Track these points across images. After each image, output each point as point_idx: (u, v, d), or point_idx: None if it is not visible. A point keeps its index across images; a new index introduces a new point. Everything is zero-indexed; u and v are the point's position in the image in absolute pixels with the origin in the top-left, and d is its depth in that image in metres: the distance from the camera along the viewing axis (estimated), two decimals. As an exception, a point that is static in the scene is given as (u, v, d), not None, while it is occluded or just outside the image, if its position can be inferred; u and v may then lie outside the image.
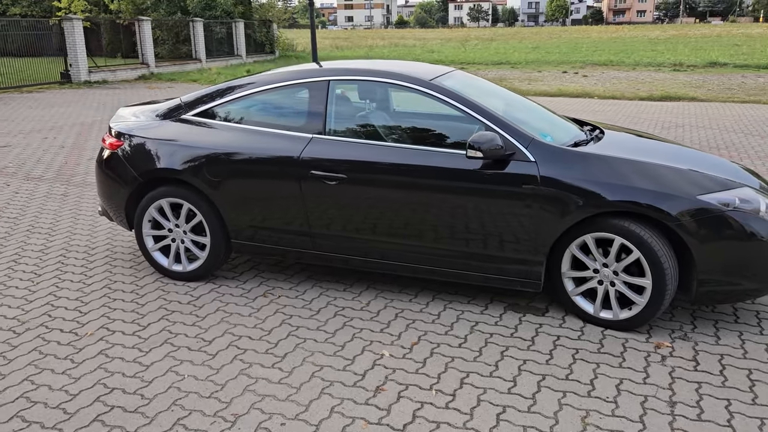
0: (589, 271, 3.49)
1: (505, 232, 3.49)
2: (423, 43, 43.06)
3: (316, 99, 3.86)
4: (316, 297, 3.96)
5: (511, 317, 3.66)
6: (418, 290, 4.04)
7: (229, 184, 3.89)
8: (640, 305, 3.37)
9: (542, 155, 3.45)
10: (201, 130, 4.02)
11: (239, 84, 4.11)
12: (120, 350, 3.31)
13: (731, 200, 3.29)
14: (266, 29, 28.09)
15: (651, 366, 3.12)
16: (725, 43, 35.06)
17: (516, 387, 2.95)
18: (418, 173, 3.57)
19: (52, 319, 3.66)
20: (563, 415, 2.73)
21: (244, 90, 4.04)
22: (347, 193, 3.70)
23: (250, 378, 3.04)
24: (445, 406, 2.81)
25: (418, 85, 3.74)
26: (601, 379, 3.01)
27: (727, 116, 11.50)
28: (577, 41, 41.03)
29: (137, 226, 4.19)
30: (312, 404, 2.83)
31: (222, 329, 3.54)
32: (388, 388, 2.95)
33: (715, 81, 18.12)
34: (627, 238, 3.30)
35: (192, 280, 4.19)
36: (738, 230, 3.23)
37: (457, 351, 3.29)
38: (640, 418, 2.70)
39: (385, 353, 3.27)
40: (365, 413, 2.76)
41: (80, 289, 4.09)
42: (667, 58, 25.51)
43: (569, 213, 3.36)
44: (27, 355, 3.26)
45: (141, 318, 3.68)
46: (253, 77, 4.15)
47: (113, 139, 4.26)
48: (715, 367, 3.10)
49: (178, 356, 3.25)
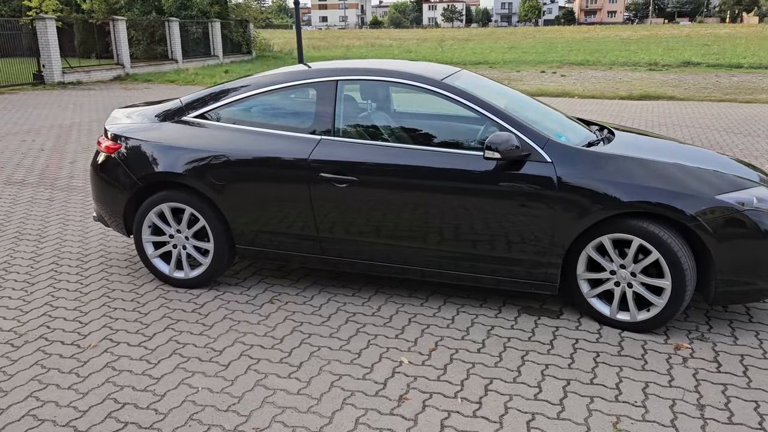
0: (606, 273, 3.45)
1: (522, 234, 3.43)
2: (399, 43, 43.05)
3: (324, 99, 3.76)
4: (325, 303, 3.86)
5: (527, 320, 3.60)
6: (428, 294, 3.97)
7: (235, 187, 3.77)
8: (659, 306, 3.34)
9: (559, 156, 3.39)
10: (205, 132, 3.89)
11: (243, 84, 3.98)
12: (127, 362, 3.17)
13: (749, 200, 3.28)
14: (243, 29, 27.80)
15: (674, 368, 3.09)
16: (695, 43, 35.67)
17: (542, 393, 2.89)
18: (431, 175, 3.49)
19: (51, 331, 3.50)
20: (594, 421, 2.68)
21: (248, 91, 3.92)
22: (358, 196, 3.60)
23: (267, 389, 2.93)
24: (473, 415, 2.73)
25: (429, 85, 3.66)
26: (626, 383, 2.96)
27: (707, 115, 11.65)
28: (551, 41, 41.39)
29: (136, 232, 4.04)
30: (335, 416, 2.73)
31: (231, 338, 3.42)
32: (411, 397, 2.86)
33: (690, 80, 18.39)
34: (646, 238, 3.26)
35: (194, 287, 4.06)
36: (755, 229, 3.22)
37: (477, 356, 3.22)
38: (671, 422, 2.66)
39: (403, 360, 3.18)
40: (392, 424, 2.67)
41: (77, 298, 3.93)
42: (642, 58, 25.85)
43: (587, 214, 3.31)
44: (29, 370, 3.10)
45: (145, 328, 3.54)
46: (256, 77, 4.03)
47: (109, 141, 4.10)
48: (737, 368, 3.08)
49: (189, 367, 3.12)
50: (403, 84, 3.73)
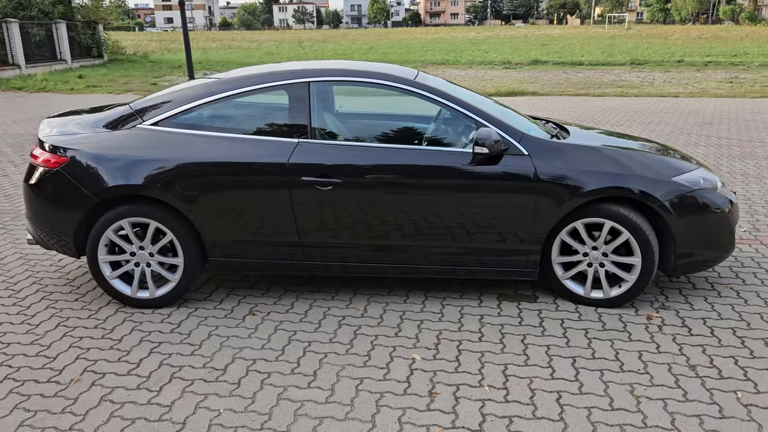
0: (579, 255, 3.71)
1: (505, 225, 3.59)
2: (257, 44, 42.29)
3: (297, 102, 3.67)
4: (309, 309, 3.78)
5: (510, 307, 3.78)
6: (407, 290, 4.02)
7: (208, 197, 3.57)
8: (630, 282, 3.66)
9: (534, 149, 3.59)
10: (168, 139, 3.63)
11: (204, 88, 3.77)
12: (125, 393, 2.91)
13: (697, 180, 3.69)
14: (92, 31, 25.82)
15: (655, 336, 3.41)
16: (534, 42, 38.67)
17: (557, 372, 3.06)
18: (415, 173, 3.55)
19: (16, 370, 3.11)
20: (613, 391, 2.89)
21: (212, 94, 3.71)
22: (342, 198, 3.57)
23: (293, 402, 2.84)
24: (505, 400, 2.84)
25: (404, 85, 3.71)
26: (623, 354, 3.22)
27: (570, 108, 12.71)
28: (406, 42, 42.77)
29: (91, 253, 3.68)
30: (377, 419, 2.71)
31: (228, 354, 3.25)
32: (440, 391, 2.91)
33: (543, 77, 19.92)
34: (616, 221, 3.56)
35: (160, 306, 3.79)
36: (704, 207, 3.63)
37: (482, 345, 3.33)
38: (677, 384, 2.94)
39: (415, 357, 3.21)
40: (435, 419, 2.70)
41: (29, 331, 3.52)
42: (496, 57, 27.56)
43: (564, 202, 3.54)
44: (11, 416, 2.74)
45: (126, 354, 3.25)
46: (219, 80, 3.82)
47: (48, 154, 3.70)
48: (705, 331, 3.46)
49: (197, 390, 2.93)
50: (376, 84, 3.73)
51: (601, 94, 15.67)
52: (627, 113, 11.80)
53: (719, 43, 34.94)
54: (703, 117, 11.38)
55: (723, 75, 19.66)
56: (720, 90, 15.98)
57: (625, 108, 12.66)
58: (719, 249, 3.71)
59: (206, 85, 3.80)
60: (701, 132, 9.75)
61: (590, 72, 21.70)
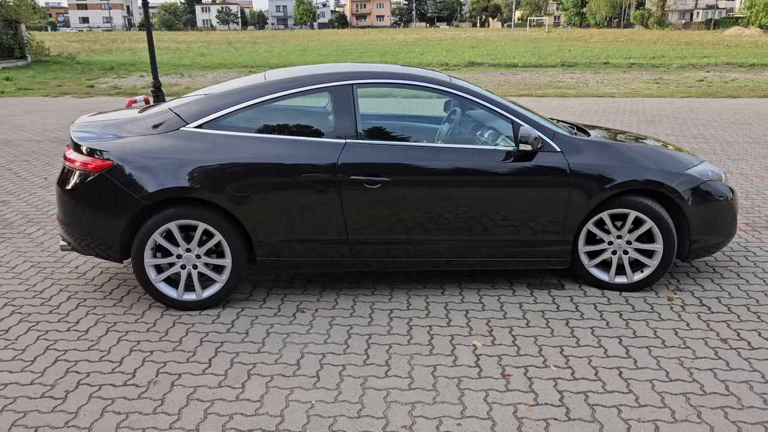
0: (604, 244, 4.00)
1: (542, 217, 3.83)
2: (186, 45, 41.23)
3: (343, 104, 3.77)
4: (354, 304, 3.88)
5: (543, 295, 4.02)
6: (440, 283, 4.19)
7: (258, 197, 3.62)
8: (652, 267, 3.98)
9: (566, 146, 3.85)
10: (216, 141, 3.65)
11: (248, 91, 3.80)
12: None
13: (706, 171, 4.06)
14: (13, 31, 24.52)
15: (682, 315, 3.73)
16: (463, 45, 39.64)
17: (609, 351, 3.32)
18: (459, 170, 3.73)
19: (86, 376, 3.07)
20: (666, 365, 3.17)
21: (256, 97, 3.76)
22: (390, 196, 3.70)
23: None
24: (574, 378, 3.07)
25: (446, 87, 3.89)
26: (661, 332, 3.52)
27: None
28: (338, 44, 42.85)
29: (137, 257, 3.66)
30: (465, 401, 2.87)
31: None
32: (512, 373, 3.10)
33: (483, 78, 20.56)
34: (640, 211, 3.87)
35: (206, 308, 3.80)
36: (714, 195, 4.00)
37: (533, 330, 3.55)
38: (717, 355, 3.26)
39: (476, 344, 3.40)
40: (517, 398, 2.90)
41: (81, 337, 3.45)
42: (431, 59, 28.10)
43: (594, 194, 3.82)
44: (102, 419, 2.72)
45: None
46: (263, 83, 3.86)
47: (89, 158, 3.64)
48: (723, 308, 3.82)
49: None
50: (419, 87, 3.89)
51: (543, 95, 16.37)
52: (575, 113, 12.41)
53: (635, 45, 37.01)
54: (644, 116, 12.13)
55: (648, 76, 20.92)
56: (650, 90, 17.03)
57: (570, 108, 13.30)
58: (726, 234, 4.10)
59: (249, 88, 3.84)
60: (648, 130, 10.41)
61: (526, 73, 22.55)
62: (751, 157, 8.29)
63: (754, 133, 10.18)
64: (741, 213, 5.73)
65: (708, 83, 18.50)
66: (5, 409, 2.82)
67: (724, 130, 10.40)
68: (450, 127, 4.19)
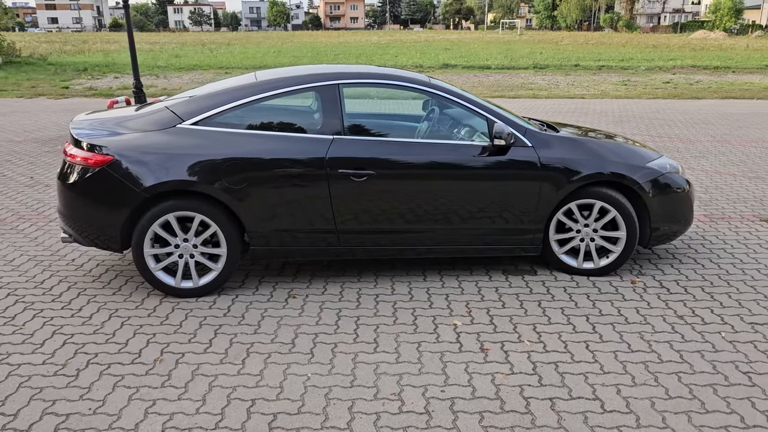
0: (573, 232, 4.33)
1: (516, 208, 4.14)
2: (159, 47, 40.98)
3: (329, 102, 4.03)
4: (342, 290, 4.14)
5: (517, 280, 4.34)
6: (422, 270, 4.48)
7: (253, 190, 3.87)
8: (617, 253, 4.31)
9: (536, 141, 4.17)
10: (213, 137, 3.89)
11: (240, 90, 4.04)
12: (212, 368, 3.17)
13: (664, 165, 4.41)
14: (-16, 32, 24.19)
15: (643, 296, 4.07)
16: (437, 47, 40.10)
17: (577, 327, 3.64)
18: (438, 164, 4.02)
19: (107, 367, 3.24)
20: (628, 339, 3.50)
21: (248, 96, 4.00)
22: (375, 188, 3.97)
23: (368, 364, 3.22)
24: (546, 350, 3.37)
25: (426, 87, 4.18)
26: (624, 311, 3.85)
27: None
28: (313, 45, 42.98)
29: (137, 247, 3.87)
30: (448, 372, 3.16)
31: (290, 331, 3.57)
32: (490, 347, 3.40)
33: (458, 80, 20.93)
34: (605, 201, 4.20)
35: (202, 295, 4.03)
36: (672, 186, 4.35)
37: (509, 311, 3.86)
38: (673, 329, 3.60)
39: (457, 323, 3.69)
40: (495, 369, 3.19)
41: (85, 322, 3.66)
42: (406, 61, 28.44)
43: (563, 186, 4.14)
44: (130, 406, 2.95)
45: (194, 337, 3.50)
46: (254, 82, 4.10)
47: (90, 153, 3.85)
48: (680, 290, 4.17)
49: (278, 361, 3.25)
50: (401, 86, 4.19)
51: (516, 96, 16.79)
52: (546, 113, 12.82)
53: (605, 48, 37.89)
54: (613, 116, 12.59)
55: (617, 78, 21.53)
56: (618, 92, 17.58)
57: (542, 109, 13.72)
58: (683, 223, 4.46)
59: (242, 87, 4.08)
60: (617, 130, 10.84)
61: (499, 75, 23.01)
62: (712, 154, 8.75)
63: (715, 132, 10.68)
64: (700, 206, 6.13)
65: (674, 85, 19.15)
66: (21, 386, 3.03)
67: (687, 130, 10.89)
68: (429, 124, 4.48)
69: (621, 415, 2.81)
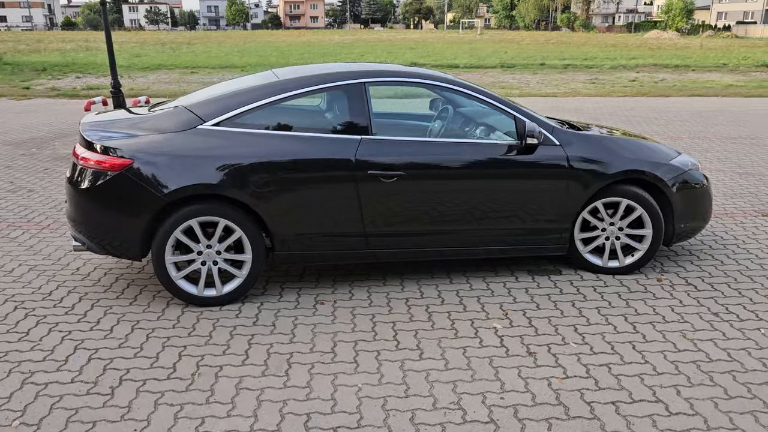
0: (598, 231, 4.30)
1: (544, 207, 4.08)
2: (117, 46, 39.86)
3: (356, 102, 3.90)
4: (369, 294, 4.02)
5: (544, 280, 4.28)
6: (446, 272, 4.38)
7: (279, 193, 3.71)
8: (642, 251, 4.30)
9: (564, 140, 4.12)
10: (236, 138, 3.71)
11: (263, 89, 3.86)
12: (255, 381, 3.01)
13: (686, 162, 4.42)
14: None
15: (673, 293, 4.06)
16: (402, 46, 40.12)
17: (618, 327, 3.60)
18: (468, 164, 3.93)
19: (125, 372, 3.08)
20: (671, 338, 3.47)
21: (272, 95, 3.83)
22: (405, 189, 3.86)
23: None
24: (593, 352, 3.31)
25: (453, 85, 4.08)
26: (659, 309, 3.83)
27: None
28: (276, 45, 42.46)
29: (158, 254, 3.67)
30: (502, 378, 3.07)
31: (328, 339, 3.42)
32: (537, 351, 3.33)
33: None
34: (632, 199, 4.18)
35: (226, 303, 3.85)
36: (693, 184, 4.36)
37: (545, 312, 3.79)
38: (713, 327, 3.59)
39: (497, 326, 3.60)
40: (548, 373, 3.11)
41: (107, 336, 3.45)
42: (374, 60, 28.34)
43: (591, 184, 4.10)
44: (159, 411, 2.77)
45: (227, 348, 3.32)
46: (277, 81, 3.92)
47: (105, 156, 3.63)
48: (707, 286, 4.18)
49: (324, 371, 3.11)
50: (427, 85, 4.09)
51: (490, 95, 16.82)
52: (528, 112, 12.87)
53: (566, 47, 38.52)
54: (589, 114, 12.73)
55: (584, 77, 21.85)
56: (588, 90, 17.81)
57: (522, 107, 13.78)
58: (704, 219, 4.47)
59: (263, 86, 3.90)
60: (598, 127, 10.94)
61: (469, 74, 23.07)
62: (696, 151, 8.89)
63: (692, 129, 10.88)
64: (701, 202, 6.19)
65: (640, 83, 19.52)
66: (54, 407, 2.81)
67: (666, 127, 11.07)
68: (455, 124, 4.38)
69: (688, 417, 2.77)
